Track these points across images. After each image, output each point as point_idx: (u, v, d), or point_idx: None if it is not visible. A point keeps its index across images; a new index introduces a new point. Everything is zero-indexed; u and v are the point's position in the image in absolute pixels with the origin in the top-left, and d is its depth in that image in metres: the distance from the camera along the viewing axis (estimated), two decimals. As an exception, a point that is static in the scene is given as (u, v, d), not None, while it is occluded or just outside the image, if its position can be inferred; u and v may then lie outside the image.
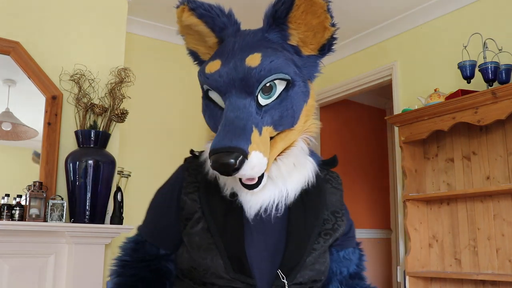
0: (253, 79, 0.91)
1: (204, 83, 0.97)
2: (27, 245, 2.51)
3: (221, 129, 0.88)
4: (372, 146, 5.05)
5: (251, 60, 0.91)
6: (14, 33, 2.73)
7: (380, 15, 3.58)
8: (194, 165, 1.07)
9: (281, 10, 0.94)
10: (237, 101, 0.91)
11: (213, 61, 0.96)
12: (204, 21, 0.99)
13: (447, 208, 3.16)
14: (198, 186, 1.03)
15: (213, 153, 0.85)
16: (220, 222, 0.97)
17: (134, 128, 3.52)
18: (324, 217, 1.04)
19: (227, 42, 0.99)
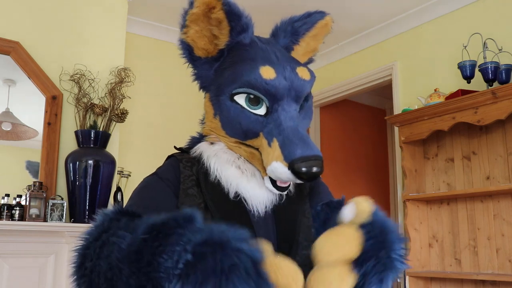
0: (305, 91, 0.98)
1: (259, 87, 0.94)
2: (27, 245, 2.51)
3: (290, 137, 0.91)
4: (372, 146, 5.05)
5: (303, 73, 0.98)
6: (14, 33, 2.73)
7: (380, 15, 3.58)
8: (187, 158, 1.05)
9: (301, 29, 1.04)
10: (291, 110, 0.96)
11: (263, 66, 0.95)
12: (230, 18, 0.96)
13: (447, 208, 3.16)
14: (195, 180, 1.00)
15: (302, 161, 0.88)
16: (227, 218, 0.95)
17: (134, 128, 3.52)
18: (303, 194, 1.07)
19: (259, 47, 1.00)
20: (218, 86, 1.01)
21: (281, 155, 0.90)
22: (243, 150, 1.00)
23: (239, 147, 1.00)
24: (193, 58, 1.05)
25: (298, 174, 0.88)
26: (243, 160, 1.01)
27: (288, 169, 0.88)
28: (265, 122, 0.95)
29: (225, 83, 0.98)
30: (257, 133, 0.96)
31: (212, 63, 1.03)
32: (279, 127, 0.93)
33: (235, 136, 0.99)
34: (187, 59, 1.07)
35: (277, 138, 0.92)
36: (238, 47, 1.00)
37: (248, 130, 0.96)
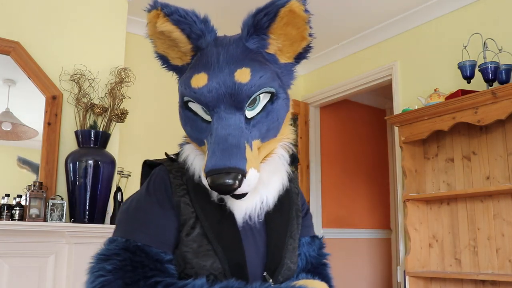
0: (243, 95, 0.91)
1: (190, 97, 0.94)
2: (27, 245, 2.51)
3: (215, 147, 0.89)
4: (372, 146, 5.05)
5: (241, 75, 0.92)
6: (14, 33, 2.73)
7: (380, 15, 3.58)
8: (176, 168, 1.03)
9: (263, 21, 0.94)
10: (227, 117, 0.92)
11: (198, 74, 0.93)
12: (181, 28, 0.94)
13: (447, 208, 3.16)
14: (186, 189, 1.00)
15: (212, 174, 0.86)
16: (215, 227, 0.96)
17: (134, 128, 3.52)
18: (292, 215, 1.08)
19: (209, 52, 0.96)
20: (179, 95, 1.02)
21: (204, 165, 0.89)
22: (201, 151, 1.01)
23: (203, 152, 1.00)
24: (173, 67, 1.06)
25: (211, 187, 0.87)
26: None
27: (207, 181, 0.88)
28: (207, 130, 0.94)
29: (179, 91, 1.00)
30: (203, 140, 0.96)
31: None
32: (211, 136, 0.91)
33: (194, 142, 1.01)
34: (168, 69, 1.07)
35: (208, 147, 0.91)
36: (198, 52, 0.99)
37: (196, 138, 0.98)
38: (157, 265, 0.90)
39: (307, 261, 1.12)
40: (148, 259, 0.90)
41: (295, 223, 1.08)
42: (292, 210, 1.09)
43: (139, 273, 0.88)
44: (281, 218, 1.05)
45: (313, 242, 1.14)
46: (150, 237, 0.93)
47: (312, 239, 1.14)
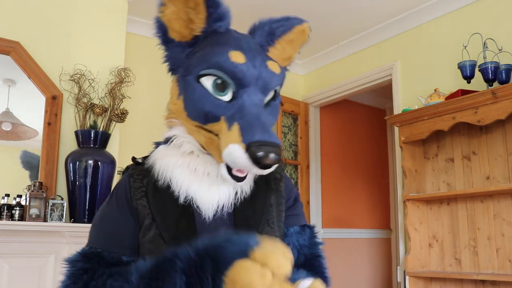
0: (273, 84, 0.98)
1: (226, 70, 0.93)
2: (27, 245, 2.51)
3: (252, 122, 0.89)
4: (372, 146, 5.05)
5: (273, 66, 0.98)
6: (14, 33, 2.73)
7: (380, 15, 3.58)
8: (138, 171, 1.05)
9: (278, 30, 1.03)
10: (255, 98, 0.95)
11: (234, 50, 0.94)
12: (208, 4, 0.95)
13: (447, 208, 3.16)
14: (145, 191, 1.00)
15: (259, 144, 0.86)
16: (172, 227, 0.96)
17: (134, 128, 3.52)
18: (271, 202, 1.05)
19: (234, 35, 0.99)
20: (186, 67, 0.99)
21: (240, 137, 0.87)
22: (202, 135, 0.98)
23: (199, 132, 0.98)
24: (167, 40, 1.03)
25: (254, 158, 0.85)
26: (197, 155, 0.99)
27: (245, 152, 0.86)
28: (228, 107, 0.93)
29: (193, 63, 0.97)
30: (218, 117, 0.94)
31: (185, 48, 1.02)
32: (242, 111, 0.91)
33: (196, 119, 0.97)
34: (160, 40, 1.04)
35: (238, 122, 0.90)
36: (213, 35, 0.99)
37: (210, 113, 0.94)
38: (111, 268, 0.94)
39: (299, 253, 1.07)
40: (102, 263, 0.95)
41: (273, 210, 1.05)
42: (270, 196, 1.05)
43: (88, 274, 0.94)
44: (254, 206, 1.02)
45: (303, 232, 1.09)
46: (108, 243, 0.98)
47: (302, 228, 1.10)
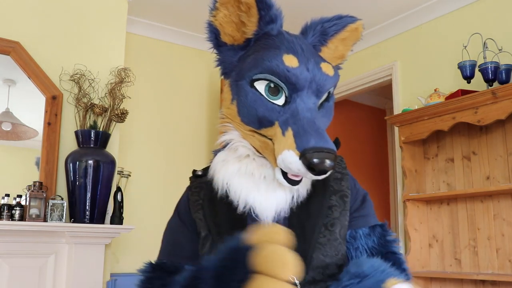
0: (327, 86, 0.96)
1: (279, 74, 0.92)
2: (27, 245, 2.51)
3: (306, 127, 0.89)
4: (372, 146, 5.05)
5: (326, 69, 0.96)
6: (14, 33, 2.73)
7: (380, 15, 3.58)
8: (197, 183, 1.09)
9: (331, 29, 1.04)
10: (309, 102, 0.94)
11: (287, 54, 0.93)
12: (260, 6, 0.94)
13: (447, 208, 3.16)
14: (201, 204, 1.04)
15: (314, 151, 0.85)
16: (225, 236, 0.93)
17: (134, 128, 3.52)
18: (332, 203, 1.02)
19: (288, 38, 0.98)
20: (239, 72, 0.98)
21: (294, 143, 0.87)
22: (256, 139, 0.97)
23: (253, 136, 0.97)
24: (219, 43, 1.02)
25: (309, 165, 0.85)
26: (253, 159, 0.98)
27: (299, 159, 0.85)
28: (282, 111, 0.93)
29: (246, 68, 0.96)
30: (273, 121, 0.93)
31: (237, 51, 1.01)
32: (296, 116, 0.91)
33: (250, 124, 0.97)
34: (213, 44, 1.04)
35: (292, 127, 0.89)
36: (265, 37, 0.98)
37: (264, 118, 0.94)
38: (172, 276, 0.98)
39: (367, 254, 1.03)
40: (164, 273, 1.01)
41: (336, 211, 1.01)
42: (329, 197, 1.02)
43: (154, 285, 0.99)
44: (310, 210, 0.99)
45: (372, 233, 1.04)
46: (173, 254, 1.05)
47: (372, 229, 1.05)
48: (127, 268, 3.34)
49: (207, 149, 3.89)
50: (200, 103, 3.93)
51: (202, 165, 4.08)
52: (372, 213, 1.09)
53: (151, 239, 3.49)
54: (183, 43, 3.85)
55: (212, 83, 3.99)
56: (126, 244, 3.37)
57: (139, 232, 3.35)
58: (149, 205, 3.52)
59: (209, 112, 3.96)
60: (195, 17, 3.61)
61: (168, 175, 3.66)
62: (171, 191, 3.65)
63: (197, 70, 3.93)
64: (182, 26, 3.77)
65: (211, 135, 3.93)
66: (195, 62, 3.92)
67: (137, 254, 3.40)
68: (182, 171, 3.73)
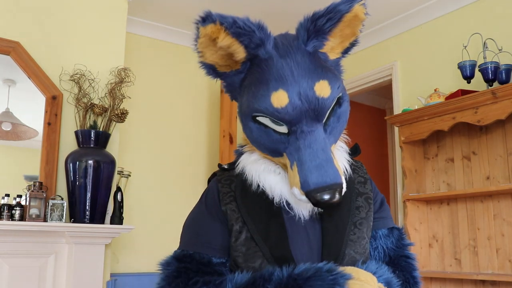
0: (326, 109, 0.93)
1: (271, 116, 0.92)
2: (27, 245, 2.51)
3: (308, 164, 0.89)
4: (372, 146, 5.05)
5: (321, 89, 0.91)
6: (14, 33, 2.73)
7: (380, 15, 3.58)
8: (226, 176, 1.08)
9: (326, 26, 0.94)
10: (311, 132, 0.92)
11: (275, 91, 0.91)
12: (240, 40, 0.91)
13: (447, 208, 3.16)
14: (233, 195, 1.04)
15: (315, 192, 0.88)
16: (262, 228, 0.99)
17: (134, 128, 3.52)
18: (358, 204, 1.07)
19: (277, 64, 0.93)
20: (240, 107, 1.01)
21: (299, 183, 0.89)
22: (277, 160, 1.00)
23: (272, 159, 1.01)
24: (219, 74, 1.04)
25: (316, 204, 0.89)
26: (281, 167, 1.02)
27: (306, 197, 0.89)
28: (287, 142, 0.94)
29: (244, 105, 0.97)
30: (281, 152, 0.96)
31: (238, 75, 1.01)
32: (298, 152, 0.91)
33: (264, 152, 1.00)
34: (213, 77, 1.05)
35: (297, 163, 0.91)
36: (257, 62, 0.96)
37: (272, 150, 0.97)
38: (202, 268, 0.99)
39: (385, 254, 1.10)
40: (194, 264, 0.99)
41: (363, 211, 1.06)
42: (356, 198, 1.07)
43: (182, 277, 0.97)
44: (341, 209, 1.04)
45: (391, 234, 1.12)
46: (200, 245, 1.02)
47: (390, 231, 1.12)
48: (127, 268, 3.35)
49: (207, 149, 3.89)
50: (200, 103, 3.93)
51: (202, 165, 4.08)
52: (390, 216, 1.15)
53: (151, 239, 3.50)
54: (183, 43, 3.85)
55: (212, 83, 3.99)
56: (126, 244, 3.37)
57: (139, 232, 3.35)
58: (149, 205, 3.52)
59: (209, 112, 3.96)
60: (195, 17, 3.61)
61: (168, 175, 3.66)
62: (171, 191, 3.65)
63: (197, 70, 3.87)
64: (182, 26, 3.78)
65: (211, 135, 3.93)
66: (195, 62, 3.87)
67: (137, 254, 3.40)
68: (182, 171, 3.73)
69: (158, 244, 3.45)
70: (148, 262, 3.40)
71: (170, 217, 3.54)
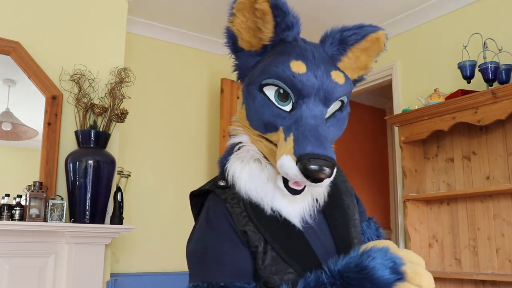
0: (336, 95, 0.95)
1: (285, 80, 0.93)
2: (27, 245, 2.51)
3: (307, 133, 0.89)
4: (372, 146, 5.05)
5: (337, 76, 0.95)
6: (14, 33, 2.73)
7: (380, 15, 3.58)
8: (231, 195, 0.99)
9: (351, 38, 1.01)
10: (315, 109, 0.93)
11: (296, 60, 0.94)
12: (275, 13, 0.94)
13: (447, 208, 3.16)
14: (247, 215, 0.97)
15: (310, 157, 0.85)
16: (284, 244, 0.95)
17: (134, 128, 3.52)
18: (347, 203, 1.09)
19: (300, 45, 0.98)
20: (250, 77, 1.00)
21: (292, 149, 0.87)
22: (264, 145, 0.98)
23: (261, 141, 0.99)
24: (236, 49, 1.03)
25: (304, 171, 0.85)
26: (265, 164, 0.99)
27: (296, 164, 0.86)
28: (287, 117, 0.94)
29: (256, 73, 0.98)
30: (277, 127, 0.94)
31: (254, 57, 1.02)
32: (299, 122, 0.91)
33: (257, 128, 0.98)
34: (230, 49, 1.04)
35: (294, 133, 0.90)
36: (280, 44, 0.99)
37: (269, 123, 0.95)
38: None
39: None
40: None
41: (353, 209, 1.09)
42: (346, 198, 1.09)
43: None
44: (338, 210, 1.05)
45: (370, 226, 1.17)
46: (228, 274, 0.94)
47: (369, 223, 1.18)
48: (127, 268, 3.35)
49: (207, 149, 3.89)
50: (200, 103, 3.93)
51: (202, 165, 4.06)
52: (364, 209, 1.20)
53: (151, 239, 3.50)
54: (183, 43, 3.85)
55: (212, 83, 3.99)
56: (126, 244, 3.37)
57: (139, 232, 3.35)
58: (149, 205, 3.52)
59: (209, 112, 3.96)
60: (195, 17, 3.61)
61: (168, 175, 3.66)
62: (171, 191, 3.65)
63: (197, 70, 3.93)
64: (182, 26, 3.78)
65: (211, 135, 3.93)
66: (195, 62, 3.92)
67: (137, 254, 3.40)
68: (182, 171, 3.73)
69: (158, 244, 3.45)
70: (148, 262, 3.40)
71: (170, 217, 3.54)
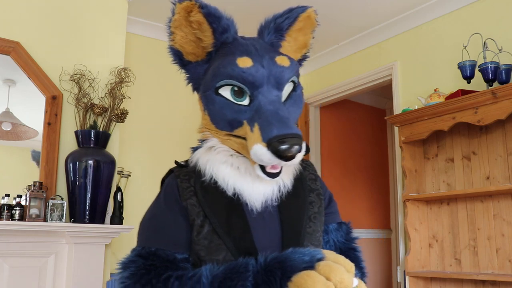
0: (286, 77, 1.03)
1: (236, 77, 0.99)
2: (27, 245, 2.51)
3: (270, 119, 0.94)
4: (372, 146, 5.05)
5: (282, 61, 1.03)
6: (14, 33, 2.73)
7: (380, 15, 3.58)
8: (184, 172, 1.10)
9: (284, 23, 1.09)
10: (270, 95, 1.00)
11: (241, 57, 1.00)
12: (210, 21, 1.02)
13: (447, 208, 3.16)
14: (193, 190, 1.05)
15: (278, 139, 0.91)
16: (224, 221, 1.00)
17: (134, 128, 3.52)
18: (311, 199, 1.11)
19: (241, 42, 1.05)
20: (204, 84, 1.06)
21: (260, 136, 0.93)
22: (233, 141, 1.03)
23: (230, 139, 1.04)
24: (184, 63, 1.12)
25: (276, 152, 0.91)
26: (237, 157, 1.05)
27: (268, 149, 0.92)
28: (248, 110, 1.00)
29: (208, 79, 1.05)
30: (241, 121, 1.00)
31: (202, 65, 1.09)
32: (259, 112, 0.97)
33: (224, 129, 1.04)
34: (179, 65, 1.14)
35: (258, 122, 0.96)
36: (222, 47, 1.06)
37: (233, 119, 1.01)
38: (169, 265, 0.98)
39: (336, 247, 1.15)
40: (159, 261, 0.98)
41: (315, 206, 1.11)
42: (308, 194, 1.11)
43: (151, 274, 0.96)
44: (296, 202, 1.08)
45: (340, 228, 1.18)
46: (161, 242, 1.02)
47: (339, 225, 1.18)
48: (127, 268, 3.34)
49: (207, 149, 3.88)
50: (200, 103, 3.92)
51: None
52: (338, 212, 1.22)
53: (151, 239, 3.49)
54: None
55: (212, 83, 3.99)
56: (126, 244, 3.36)
57: (139, 232, 3.34)
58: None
59: (209, 112, 3.95)
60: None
61: (168, 175, 3.66)
62: (171, 191, 3.65)
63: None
64: (182, 26, 3.77)
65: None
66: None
67: (137, 254, 3.40)
68: (182, 171, 3.73)
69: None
70: (148, 262, 3.39)
71: (170, 217, 3.53)
